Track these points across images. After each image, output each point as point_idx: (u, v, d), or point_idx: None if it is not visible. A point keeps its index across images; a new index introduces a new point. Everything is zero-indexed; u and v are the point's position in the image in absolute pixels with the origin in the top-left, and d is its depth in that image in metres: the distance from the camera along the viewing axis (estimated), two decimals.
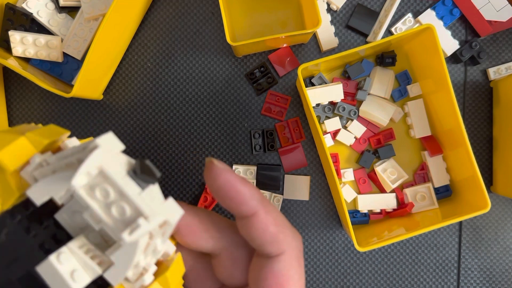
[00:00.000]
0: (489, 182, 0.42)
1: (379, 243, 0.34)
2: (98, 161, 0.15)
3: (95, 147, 0.15)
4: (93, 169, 0.15)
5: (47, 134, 0.18)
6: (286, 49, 0.42)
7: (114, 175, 0.16)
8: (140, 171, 0.16)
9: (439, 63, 0.36)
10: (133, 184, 0.16)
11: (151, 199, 0.16)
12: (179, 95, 0.43)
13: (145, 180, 0.16)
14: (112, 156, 0.16)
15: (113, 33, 0.37)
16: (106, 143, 0.16)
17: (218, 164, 0.20)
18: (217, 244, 0.22)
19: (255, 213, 0.20)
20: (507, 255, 0.42)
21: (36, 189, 0.16)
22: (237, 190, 0.20)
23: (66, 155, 0.16)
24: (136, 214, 0.16)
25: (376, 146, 0.42)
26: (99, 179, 0.16)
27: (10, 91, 0.43)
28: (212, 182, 0.20)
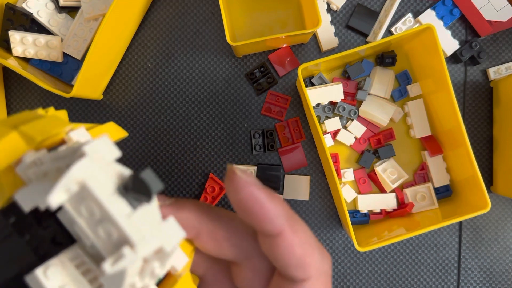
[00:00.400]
0: (489, 182, 0.42)
1: (379, 243, 0.34)
2: (80, 174, 0.13)
3: (81, 156, 0.13)
4: (73, 185, 0.13)
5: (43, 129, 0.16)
6: (286, 49, 0.42)
7: (98, 192, 0.13)
8: (132, 187, 0.14)
9: (439, 63, 0.36)
10: (122, 203, 0.14)
11: (143, 221, 0.14)
12: (179, 95, 0.43)
13: (137, 199, 0.14)
14: (101, 167, 0.14)
15: (113, 33, 0.37)
16: (96, 149, 0.14)
17: (241, 174, 0.18)
18: (239, 253, 0.20)
19: (280, 233, 0.18)
20: (507, 255, 0.42)
21: (24, 194, 0.14)
22: (262, 206, 0.17)
23: (59, 157, 0.15)
24: (123, 240, 0.14)
25: (376, 146, 0.42)
26: (84, 194, 0.14)
27: (10, 91, 0.43)
28: (234, 194, 0.18)
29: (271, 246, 0.18)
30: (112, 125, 0.19)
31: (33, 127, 0.16)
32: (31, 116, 0.17)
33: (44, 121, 0.17)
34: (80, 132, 0.17)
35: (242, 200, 0.18)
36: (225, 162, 0.42)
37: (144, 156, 0.43)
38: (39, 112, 0.18)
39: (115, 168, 0.15)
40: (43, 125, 0.16)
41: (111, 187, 0.14)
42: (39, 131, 0.16)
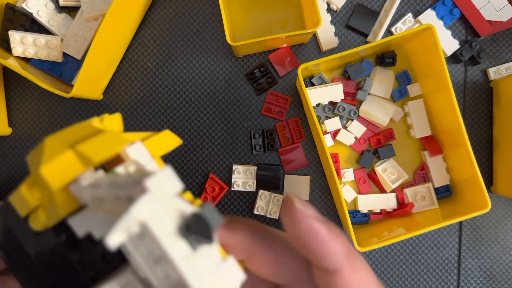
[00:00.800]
0: (489, 182, 0.42)
1: (379, 243, 0.34)
2: (142, 214, 0.12)
3: (144, 191, 0.13)
4: (133, 225, 0.13)
5: (100, 149, 0.15)
6: (286, 49, 0.42)
7: (159, 233, 0.13)
8: (194, 229, 0.13)
9: (439, 63, 0.36)
10: (182, 245, 0.13)
11: (203, 263, 0.13)
12: (179, 95, 0.43)
13: (198, 239, 0.13)
14: (163, 204, 0.13)
15: (113, 33, 0.37)
16: (159, 184, 0.13)
17: (301, 206, 0.17)
18: (291, 279, 0.19)
19: (338, 270, 0.17)
20: (507, 255, 0.42)
21: (80, 220, 0.14)
22: (321, 242, 0.17)
23: (118, 184, 0.14)
24: (181, 284, 0.13)
25: (376, 146, 0.42)
26: (144, 233, 0.13)
27: (10, 91, 0.43)
28: (291, 227, 0.17)
29: (327, 282, 0.17)
30: (167, 134, 0.18)
31: (90, 146, 0.15)
32: (87, 130, 0.17)
33: (101, 139, 0.16)
34: (137, 148, 0.16)
35: (301, 234, 0.17)
36: (225, 162, 0.42)
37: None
38: (94, 124, 0.17)
39: (176, 205, 0.14)
40: (100, 144, 0.16)
41: (172, 227, 0.13)
42: (96, 152, 0.15)
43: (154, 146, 0.17)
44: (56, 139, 0.16)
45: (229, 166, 0.42)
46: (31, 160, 0.16)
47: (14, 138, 0.43)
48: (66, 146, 0.15)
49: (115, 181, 0.14)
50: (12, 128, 0.43)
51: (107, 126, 0.18)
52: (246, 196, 0.42)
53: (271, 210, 0.41)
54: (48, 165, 0.14)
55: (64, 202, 0.15)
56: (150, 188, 0.13)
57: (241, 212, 0.42)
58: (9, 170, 0.43)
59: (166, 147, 0.18)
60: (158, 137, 0.18)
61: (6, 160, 0.43)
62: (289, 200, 0.17)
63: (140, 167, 0.15)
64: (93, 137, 0.16)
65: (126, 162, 0.16)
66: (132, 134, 0.18)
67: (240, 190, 0.42)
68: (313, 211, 0.17)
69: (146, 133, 0.18)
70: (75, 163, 0.15)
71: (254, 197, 0.42)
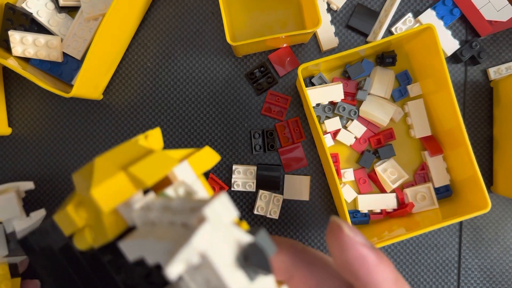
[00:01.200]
0: (489, 182, 0.42)
1: (379, 243, 0.34)
2: (202, 245, 0.12)
3: (202, 220, 0.13)
4: (194, 256, 0.12)
5: (152, 171, 0.15)
6: (286, 49, 0.42)
7: (218, 264, 0.12)
8: (252, 260, 0.13)
9: (439, 63, 0.36)
10: (240, 275, 0.13)
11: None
12: (179, 95, 0.43)
13: (256, 270, 0.13)
14: (221, 233, 0.13)
15: (113, 33, 0.37)
16: (216, 211, 0.13)
17: (349, 232, 0.17)
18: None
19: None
20: (507, 255, 0.42)
21: (131, 244, 0.14)
22: (369, 270, 0.16)
23: (172, 209, 0.14)
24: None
25: (376, 146, 0.42)
26: (203, 263, 0.13)
27: (10, 91, 0.43)
28: (339, 253, 0.17)
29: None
30: (208, 150, 0.19)
31: (141, 168, 0.15)
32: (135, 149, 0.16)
33: (151, 160, 0.16)
34: (184, 168, 0.16)
35: (349, 261, 0.16)
36: (225, 162, 0.42)
37: None
38: (140, 142, 0.17)
39: (233, 234, 0.14)
40: (151, 166, 0.15)
41: (231, 257, 0.13)
42: (148, 174, 0.15)
43: (197, 164, 0.17)
44: (106, 159, 0.16)
45: (229, 166, 0.42)
46: (78, 179, 0.16)
47: (14, 138, 0.43)
48: (118, 167, 0.15)
49: (167, 205, 0.14)
50: (12, 128, 0.43)
51: (151, 143, 0.18)
52: (246, 196, 0.42)
53: (271, 210, 0.41)
54: (100, 187, 0.14)
55: (112, 224, 0.15)
56: (209, 217, 0.13)
57: (241, 212, 0.42)
58: (9, 170, 0.43)
59: (208, 163, 0.18)
60: (200, 154, 0.18)
61: (6, 160, 0.43)
62: (337, 225, 0.17)
63: (189, 188, 0.16)
64: (144, 158, 0.15)
65: (175, 183, 0.16)
66: (175, 151, 0.18)
67: (240, 190, 0.42)
68: (361, 237, 0.17)
69: (188, 150, 0.18)
70: (127, 185, 0.15)
71: (254, 197, 0.42)
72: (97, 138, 0.43)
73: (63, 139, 0.43)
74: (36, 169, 0.43)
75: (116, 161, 0.15)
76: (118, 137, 0.43)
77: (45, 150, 0.43)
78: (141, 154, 0.16)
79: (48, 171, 0.43)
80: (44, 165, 0.43)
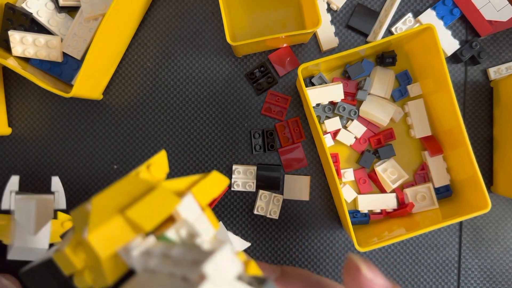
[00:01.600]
0: (489, 182, 0.42)
1: (379, 243, 0.34)
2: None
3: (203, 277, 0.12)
4: None
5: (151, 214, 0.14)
6: (286, 49, 0.42)
7: None
8: None
9: (439, 63, 0.36)
10: None
11: None
12: (179, 95, 0.43)
13: None
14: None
15: (113, 33, 0.37)
16: (218, 267, 0.12)
17: (368, 273, 0.16)
18: None
19: None
20: (507, 255, 0.42)
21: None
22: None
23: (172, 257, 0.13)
24: None
25: (376, 146, 0.42)
26: None
27: (10, 91, 0.43)
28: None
29: None
30: (215, 175, 0.18)
31: (140, 210, 0.14)
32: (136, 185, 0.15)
33: (151, 201, 0.15)
34: (188, 203, 0.15)
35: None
36: (225, 162, 0.42)
37: (144, 156, 0.43)
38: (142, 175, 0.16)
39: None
40: (151, 207, 0.14)
41: None
42: (147, 217, 0.14)
43: (203, 193, 0.17)
44: (104, 199, 0.15)
45: (229, 166, 0.42)
46: (76, 217, 0.15)
47: (14, 138, 0.43)
48: (115, 210, 0.14)
49: (168, 253, 0.13)
50: (12, 128, 0.43)
51: (154, 173, 0.17)
52: (246, 196, 0.42)
53: (271, 210, 0.41)
54: (96, 232, 0.13)
55: (111, 267, 0.14)
56: (210, 275, 0.12)
57: (241, 212, 0.42)
58: (9, 170, 0.43)
59: (215, 190, 0.17)
60: (207, 181, 0.17)
61: (6, 160, 0.43)
62: (355, 266, 0.16)
63: (191, 230, 0.15)
64: (143, 198, 0.15)
65: (177, 223, 0.15)
66: (180, 180, 0.17)
67: (240, 190, 0.42)
68: (380, 278, 0.16)
69: (193, 177, 0.18)
70: (125, 230, 0.14)
71: (254, 197, 0.42)
72: (97, 138, 0.43)
73: (63, 139, 0.43)
74: (36, 169, 0.43)
75: (114, 202, 0.15)
76: (118, 137, 0.43)
77: (45, 150, 0.43)
78: (141, 192, 0.15)
79: (48, 171, 0.43)
80: (44, 165, 0.43)
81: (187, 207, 0.15)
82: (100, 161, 0.43)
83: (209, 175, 0.18)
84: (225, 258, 0.13)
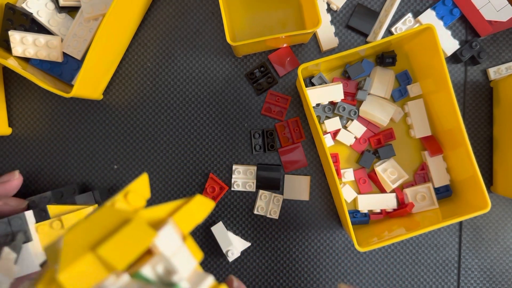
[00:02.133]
0: (489, 182, 0.42)
1: (379, 243, 0.34)
2: None
3: None
4: None
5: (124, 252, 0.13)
6: (286, 49, 0.42)
7: None
8: None
9: (439, 63, 0.36)
10: None
11: None
12: (179, 95, 0.43)
13: None
14: None
15: (113, 33, 0.37)
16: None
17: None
18: None
19: None
20: (507, 255, 0.42)
21: None
22: None
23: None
24: None
25: (376, 146, 0.42)
26: None
27: (10, 91, 0.43)
28: None
29: None
30: (198, 200, 0.17)
31: (113, 247, 0.13)
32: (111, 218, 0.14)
33: (125, 235, 0.14)
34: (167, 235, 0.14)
35: None
36: (225, 162, 0.42)
37: (144, 156, 0.43)
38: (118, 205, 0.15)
39: None
40: (125, 243, 0.14)
41: None
42: (120, 255, 0.13)
43: (186, 219, 0.16)
44: (77, 234, 0.14)
45: (229, 166, 0.42)
46: (49, 253, 0.15)
47: (14, 138, 0.43)
48: (86, 247, 0.13)
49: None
50: (12, 128, 0.43)
51: (132, 202, 0.16)
52: (246, 196, 0.42)
53: (271, 210, 0.41)
54: (66, 271, 0.13)
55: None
56: None
57: (241, 212, 0.42)
58: (9, 170, 0.43)
59: (200, 215, 0.17)
60: (189, 206, 0.16)
61: (6, 160, 0.43)
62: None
63: (169, 266, 0.14)
64: (116, 233, 0.14)
65: (154, 258, 0.14)
66: (160, 207, 0.16)
67: (240, 190, 0.42)
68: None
69: (175, 202, 0.17)
70: (97, 268, 0.13)
71: (254, 197, 0.42)
72: (97, 138, 0.43)
73: (63, 139, 0.43)
74: (36, 169, 0.43)
75: (86, 237, 0.14)
76: (118, 137, 0.43)
77: (45, 150, 0.43)
78: (116, 225, 0.14)
79: (48, 171, 0.43)
80: (44, 165, 0.43)
81: (165, 239, 0.14)
82: (100, 161, 0.43)
83: (192, 200, 0.17)
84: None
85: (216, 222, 0.42)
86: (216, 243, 0.41)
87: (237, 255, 0.40)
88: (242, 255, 0.42)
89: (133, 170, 0.42)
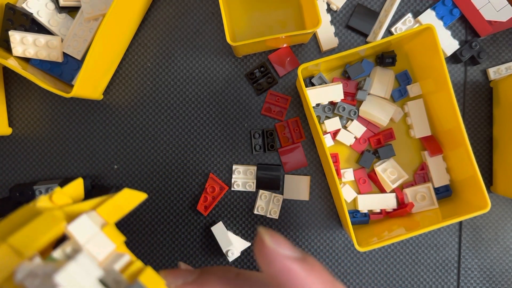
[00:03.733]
0: (489, 182, 0.42)
1: (379, 243, 0.34)
2: None
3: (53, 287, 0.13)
4: None
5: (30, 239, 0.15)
6: (286, 49, 0.42)
7: None
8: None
9: (439, 63, 0.36)
10: None
11: None
12: (179, 95, 0.43)
13: None
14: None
15: (113, 33, 0.37)
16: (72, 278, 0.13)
17: (272, 244, 0.16)
18: None
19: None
20: (507, 255, 0.42)
21: None
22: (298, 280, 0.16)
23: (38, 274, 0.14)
24: None
25: (376, 146, 0.42)
26: None
27: (10, 91, 0.43)
28: (265, 267, 0.16)
29: None
30: (126, 193, 0.18)
31: (22, 236, 0.15)
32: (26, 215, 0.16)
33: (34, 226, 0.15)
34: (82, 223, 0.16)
35: (275, 275, 0.16)
36: (225, 162, 0.42)
37: (144, 156, 0.43)
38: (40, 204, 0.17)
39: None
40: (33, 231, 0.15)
41: None
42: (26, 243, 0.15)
43: (110, 211, 0.17)
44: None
45: (229, 166, 0.42)
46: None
47: (14, 138, 0.43)
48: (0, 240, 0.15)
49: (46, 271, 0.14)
50: (12, 128, 0.43)
51: (56, 200, 0.17)
52: (246, 196, 0.42)
53: (271, 210, 0.41)
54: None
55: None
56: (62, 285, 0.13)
57: (241, 212, 0.42)
58: (9, 170, 0.43)
59: (126, 207, 0.18)
60: (115, 199, 0.17)
61: (6, 160, 0.43)
62: (260, 238, 0.16)
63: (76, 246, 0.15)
64: (27, 223, 0.15)
65: (64, 243, 0.16)
66: (87, 202, 0.17)
67: (240, 190, 0.42)
68: (287, 248, 0.16)
69: (103, 197, 0.18)
70: (11, 256, 0.14)
71: (254, 197, 0.42)
72: (97, 138, 0.43)
73: (63, 139, 0.43)
74: (36, 169, 0.43)
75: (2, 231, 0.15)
76: (118, 137, 0.43)
77: (45, 150, 0.43)
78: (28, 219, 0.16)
79: (48, 171, 0.43)
80: (44, 165, 0.43)
81: (79, 227, 0.16)
82: (100, 161, 0.43)
83: (118, 193, 0.18)
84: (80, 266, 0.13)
85: (216, 222, 0.42)
86: (216, 243, 0.41)
87: (237, 255, 0.40)
88: (242, 255, 0.42)
89: (133, 170, 0.43)
